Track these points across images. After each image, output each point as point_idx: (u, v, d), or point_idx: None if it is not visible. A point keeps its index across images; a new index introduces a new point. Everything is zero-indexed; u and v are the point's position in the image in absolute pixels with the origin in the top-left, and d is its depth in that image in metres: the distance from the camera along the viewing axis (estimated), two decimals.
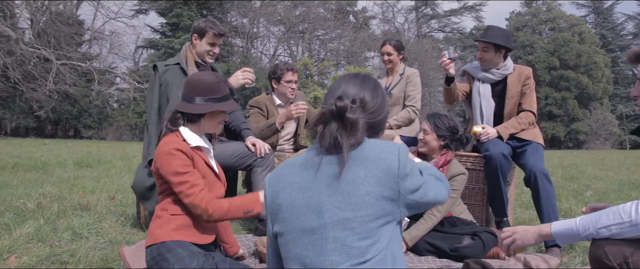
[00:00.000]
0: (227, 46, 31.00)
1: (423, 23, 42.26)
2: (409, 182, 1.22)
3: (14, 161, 6.84)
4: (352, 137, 1.22)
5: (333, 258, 1.18)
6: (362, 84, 1.35)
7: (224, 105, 2.02)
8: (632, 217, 1.38)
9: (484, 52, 3.23)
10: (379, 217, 1.19)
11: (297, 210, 1.25)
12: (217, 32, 2.98)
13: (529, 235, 1.59)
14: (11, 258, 2.43)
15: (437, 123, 2.78)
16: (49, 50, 20.64)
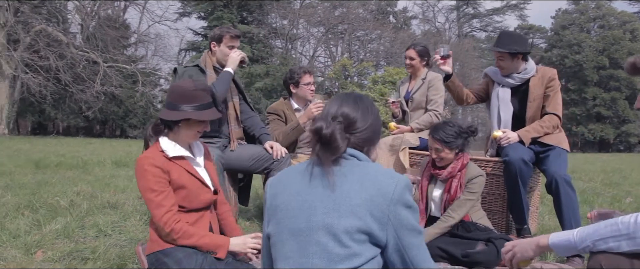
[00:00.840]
0: (267, 48, 31.44)
1: (464, 22, 41.39)
2: (404, 215, 1.23)
3: (58, 160, 7.21)
4: (332, 153, 1.28)
5: (314, 260, 1.21)
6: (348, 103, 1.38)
7: (199, 114, 1.98)
8: (630, 229, 1.33)
9: (500, 61, 3.16)
10: (362, 232, 1.20)
11: (290, 212, 1.29)
12: (233, 34, 3.12)
13: (527, 247, 1.55)
14: (38, 253, 2.58)
15: (444, 137, 2.68)
16: (96, 53, 21.55)
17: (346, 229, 1.19)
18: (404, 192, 1.24)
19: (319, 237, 1.21)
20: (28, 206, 3.55)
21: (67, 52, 21.04)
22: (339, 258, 1.19)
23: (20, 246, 2.64)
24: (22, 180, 5.04)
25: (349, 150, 1.32)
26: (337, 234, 1.20)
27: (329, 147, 1.27)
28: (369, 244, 1.22)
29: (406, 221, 1.23)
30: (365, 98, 1.44)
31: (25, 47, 20.61)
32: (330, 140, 1.27)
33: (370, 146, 1.41)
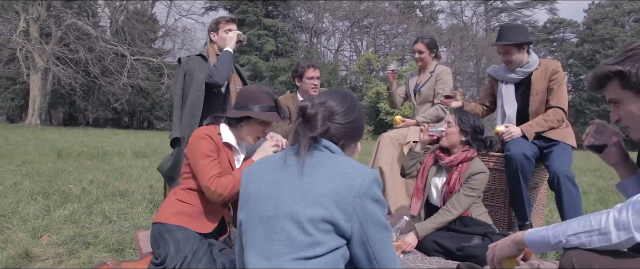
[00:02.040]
0: (291, 41, 31.54)
1: (492, 16, 40.54)
2: (370, 208, 1.24)
3: (80, 150, 7.44)
4: (310, 130, 1.32)
5: (278, 247, 1.23)
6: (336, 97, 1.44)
7: (261, 114, 2.13)
8: (602, 225, 1.31)
9: (507, 55, 3.10)
10: (327, 222, 1.22)
11: (260, 200, 1.32)
12: (228, 18, 3.14)
13: (505, 245, 1.54)
14: (44, 236, 2.68)
15: (462, 118, 2.74)
16: (124, 46, 22.05)
17: (310, 217, 1.21)
18: (371, 186, 1.25)
19: (284, 224, 1.23)
20: (42, 192, 3.69)
21: (96, 45, 21.60)
22: (302, 245, 1.21)
23: (28, 229, 2.75)
24: (43, 168, 5.23)
25: (323, 141, 1.35)
26: (301, 222, 1.22)
27: (308, 124, 1.33)
28: (333, 234, 1.23)
29: (371, 215, 1.24)
30: (354, 98, 1.49)
31: (56, 40, 21.25)
32: (311, 118, 1.33)
33: (348, 142, 1.43)
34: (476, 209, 2.73)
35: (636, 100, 1.37)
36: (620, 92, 1.38)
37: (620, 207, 1.29)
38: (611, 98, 1.42)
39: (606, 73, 1.40)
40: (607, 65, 1.40)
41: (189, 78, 3.08)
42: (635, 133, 1.44)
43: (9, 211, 3.10)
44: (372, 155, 3.84)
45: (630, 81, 1.35)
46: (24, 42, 19.34)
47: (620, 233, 1.26)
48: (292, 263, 1.20)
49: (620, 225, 1.26)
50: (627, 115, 1.42)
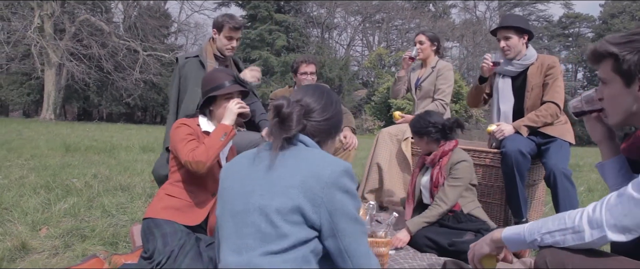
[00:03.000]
0: (303, 36, 31.52)
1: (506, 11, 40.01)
2: (338, 198, 1.24)
3: (89, 144, 7.55)
4: (285, 130, 1.31)
5: (248, 241, 1.24)
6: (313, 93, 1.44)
7: (222, 90, 2.23)
8: (576, 223, 1.30)
9: (506, 40, 3.08)
10: (294, 212, 1.22)
11: (232, 195, 1.34)
12: (233, 25, 3.07)
13: (483, 243, 1.54)
14: (43, 229, 2.74)
15: (413, 129, 2.82)
16: (136, 42, 22.26)
17: (278, 209, 1.22)
18: (340, 176, 1.24)
19: (254, 218, 1.24)
20: (45, 186, 3.76)
21: (109, 41, 21.85)
22: (271, 238, 1.22)
23: (28, 222, 2.81)
24: (50, 162, 5.32)
25: (300, 136, 1.35)
26: (268, 214, 1.22)
27: (283, 124, 1.31)
28: (303, 226, 1.23)
29: (340, 206, 1.24)
30: (332, 94, 1.48)
31: (70, 36, 21.53)
32: (286, 118, 1.31)
33: (325, 139, 1.44)
34: (468, 204, 2.72)
35: (621, 87, 1.34)
36: (610, 73, 1.36)
37: (594, 205, 1.28)
38: (601, 76, 1.39)
39: (603, 51, 1.38)
40: (607, 43, 1.37)
41: (183, 85, 3.09)
42: (611, 118, 1.42)
43: (11, 204, 3.16)
44: (371, 151, 3.84)
45: (621, 67, 1.32)
46: (38, 38, 19.63)
47: (593, 232, 1.25)
48: (262, 258, 1.21)
49: (594, 224, 1.25)
50: (609, 98, 1.40)
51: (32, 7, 20.70)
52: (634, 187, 1.21)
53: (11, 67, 22.88)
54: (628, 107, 1.35)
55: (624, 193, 1.22)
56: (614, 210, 1.22)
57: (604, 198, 1.27)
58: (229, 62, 3.26)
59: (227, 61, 3.22)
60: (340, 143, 3.50)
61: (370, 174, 3.73)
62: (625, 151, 1.37)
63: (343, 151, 3.50)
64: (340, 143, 3.49)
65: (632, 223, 1.20)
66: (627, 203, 1.20)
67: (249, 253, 1.23)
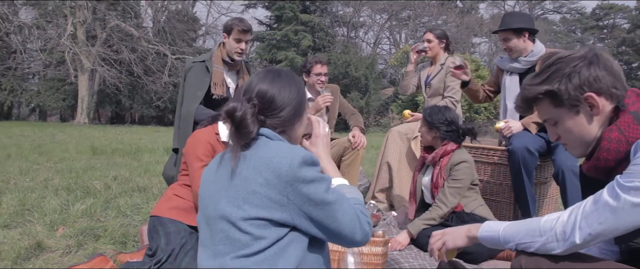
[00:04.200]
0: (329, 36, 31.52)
1: (536, 4, 39.00)
2: (304, 191, 1.20)
3: (115, 147, 7.79)
4: (242, 137, 1.27)
5: (220, 247, 1.25)
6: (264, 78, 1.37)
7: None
8: (549, 233, 1.26)
9: (506, 41, 3.07)
10: (261, 218, 1.21)
11: (205, 201, 1.35)
12: (242, 28, 3.10)
13: (457, 236, 1.51)
14: (59, 229, 2.87)
15: (427, 117, 2.78)
16: (165, 46, 22.78)
17: (243, 217, 1.21)
18: (299, 169, 1.20)
19: (222, 225, 1.25)
20: (66, 188, 3.92)
21: (138, 45, 22.44)
22: (241, 243, 1.22)
23: (46, 223, 2.95)
24: (75, 165, 5.53)
25: (261, 129, 1.31)
26: (234, 222, 1.22)
27: (239, 131, 1.26)
28: (273, 227, 1.22)
29: (307, 197, 1.20)
30: (286, 73, 1.41)
31: (101, 42, 22.22)
32: (240, 124, 1.26)
33: (291, 125, 1.38)
34: (471, 203, 2.70)
35: (572, 115, 1.32)
36: (553, 111, 1.33)
37: (570, 212, 1.25)
38: (546, 118, 1.37)
39: (534, 96, 1.35)
40: (534, 86, 1.34)
41: (189, 87, 3.14)
42: (574, 150, 1.39)
43: (33, 206, 3.32)
44: (381, 150, 3.85)
45: (562, 99, 1.30)
46: (71, 45, 20.33)
47: (567, 242, 1.22)
48: (233, 261, 1.21)
49: (568, 232, 1.23)
50: (566, 133, 1.36)
51: (65, 15, 21.46)
52: (609, 193, 1.18)
53: (47, 73, 23.77)
54: (587, 133, 1.32)
55: (600, 199, 1.19)
56: (589, 218, 1.19)
57: (580, 204, 1.24)
58: (241, 66, 3.31)
59: (237, 66, 3.26)
60: (348, 143, 3.52)
61: (381, 173, 3.73)
62: (589, 170, 1.34)
63: (352, 150, 3.52)
64: (349, 142, 3.51)
65: (606, 231, 1.18)
66: (603, 210, 1.18)
67: (221, 258, 1.24)
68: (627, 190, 1.14)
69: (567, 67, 1.28)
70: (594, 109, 1.28)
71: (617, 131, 1.22)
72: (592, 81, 1.26)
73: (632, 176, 1.14)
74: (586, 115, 1.30)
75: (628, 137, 1.20)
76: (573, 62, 1.28)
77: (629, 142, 1.20)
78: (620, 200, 1.14)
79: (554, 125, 1.37)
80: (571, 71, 1.27)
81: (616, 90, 1.26)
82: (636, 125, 1.20)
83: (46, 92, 25.27)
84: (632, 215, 1.14)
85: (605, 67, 1.26)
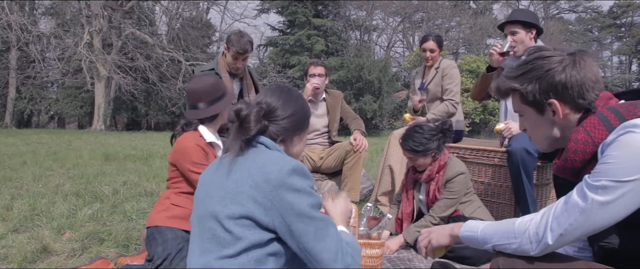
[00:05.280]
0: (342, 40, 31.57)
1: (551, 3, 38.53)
2: (288, 199, 1.24)
3: (128, 153, 7.92)
4: (244, 133, 1.35)
5: (207, 245, 1.31)
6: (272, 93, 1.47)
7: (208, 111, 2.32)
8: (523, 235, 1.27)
9: (513, 35, 3.07)
10: (245, 218, 1.26)
11: (199, 200, 1.42)
12: (237, 50, 3.22)
13: (442, 235, 1.53)
14: (66, 233, 2.95)
15: (413, 147, 2.63)
16: (179, 53, 23.07)
17: (229, 215, 1.26)
18: (288, 176, 1.25)
19: (210, 224, 1.31)
20: (76, 193, 4.01)
21: (153, 52, 22.78)
22: (226, 242, 1.27)
23: (53, 227, 3.03)
24: (87, 170, 5.65)
25: (261, 138, 1.38)
26: (221, 220, 1.28)
27: (241, 127, 1.35)
28: (256, 229, 1.26)
29: (290, 206, 1.24)
30: (293, 91, 1.51)
31: (117, 50, 22.61)
32: (244, 121, 1.35)
33: (290, 137, 1.46)
34: (468, 207, 2.70)
35: (536, 115, 1.35)
36: (521, 106, 1.37)
37: (542, 213, 1.27)
38: (515, 109, 1.40)
39: (505, 89, 1.38)
40: (507, 79, 1.37)
41: None
42: (538, 144, 1.43)
43: (42, 211, 3.41)
44: (384, 153, 3.86)
45: (527, 99, 1.33)
46: (88, 53, 20.72)
47: (540, 244, 1.24)
48: (217, 261, 1.26)
49: (540, 234, 1.24)
50: (530, 128, 1.41)
51: (82, 25, 21.89)
52: (578, 194, 1.20)
53: (65, 81, 24.24)
54: (549, 133, 1.35)
55: (569, 200, 1.21)
56: (560, 218, 1.21)
57: (552, 205, 1.26)
58: (244, 74, 3.39)
59: (240, 74, 3.35)
60: (350, 146, 3.55)
61: (383, 176, 3.75)
62: (557, 171, 1.36)
63: (353, 153, 3.55)
64: (351, 145, 3.54)
65: (577, 231, 1.19)
66: (572, 210, 1.19)
67: (206, 257, 1.29)
68: (595, 190, 1.15)
69: (541, 70, 1.29)
70: (555, 115, 1.30)
71: (583, 132, 1.24)
72: (559, 89, 1.27)
73: (599, 176, 1.16)
74: (549, 118, 1.32)
75: (594, 138, 1.22)
76: (550, 64, 1.29)
77: (595, 144, 1.21)
78: (588, 200, 1.16)
79: (522, 116, 1.40)
80: (543, 74, 1.28)
81: (583, 100, 1.27)
82: (602, 126, 1.21)
83: (64, 99, 25.77)
84: (601, 214, 1.15)
85: (579, 73, 1.26)
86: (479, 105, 23.48)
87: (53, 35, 21.73)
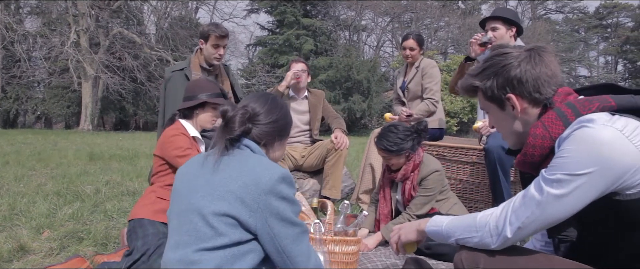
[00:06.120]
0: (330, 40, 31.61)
1: (538, 4, 38.91)
2: (275, 205, 1.31)
3: (113, 153, 7.88)
4: (228, 132, 1.41)
5: (184, 238, 1.34)
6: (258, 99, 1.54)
7: (212, 99, 2.39)
8: (484, 228, 1.31)
9: (494, 31, 3.11)
10: (230, 216, 1.30)
11: (180, 195, 1.44)
12: (219, 34, 3.19)
13: (410, 230, 1.56)
14: (45, 232, 2.93)
15: (388, 146, 2.63)
16: (167, 52, 22.94)
17: (214, 211, 1.31)
18: (277, 183, 1.32)
19: (192, 217, 1.34)
20: (57, 193, 3.99)
21: (141, 52, 22.62)
22: (206, 237, 1.31)
23: (32, 226, 3.01)
24: (70, 170, 5.61)
25: (245, 140, 1.43)
26: (205, 215, 1.31)
27: (226, 127, 1.42)
28: (238, 228, 1.31)
29: (276, 211, 1.31)
30: (277, 99, 1.57)
31: (104, 49, 22.42)
32: (229, 121, 1.42)
33: (271, 142, 1.51)
34: (444, 204, 2.73)
35: (498, 111, 1.39)
36: (485, 102, 1.41)
37: (502, 207, 1.30)
38: (481, 106, 1.43)
39: (468, 87, 1.41)
40: (469, 77, 1.41)
41: (168, 98, 3.19)
42: (507, 140, 1.46)
43: (21, 210, 3.39)
44: (365, 152, 3.89)
45: (487, 95, 1.37)
46: (74, 52, 20.52)
47: (499, 237, 1.27)
48: (194, 254, 1.30)
49: (500, 227, 1.28)
50: (496, 124, 1.45)
51: (69, 23, 21.69)
52: (535, 187, 1.23)
53: (52, 81, 24.00)
54: (512, 129, 1.38)
55: (527, 193, 1.24)
56: (518, 212, 1.24)
57: (512, 199, 1.29)
58: (219, 70, 3.38)
59: (216, 70, 3.34)
60: (331, 144, 3.58)
61: (364, 175, 3.78)
62: (518, 165, 1.39)
63: (335, 151, 3.57)
64: (332, 143, 3.57)
65: (534, 224, 1.22)
66: (529, 203, 1.22)
67: (184, 250, 1.32)
68: (550, 183, 1.19)
69: (498, 65, 1.33)
70: (514, 110, 1.33)
71: (541, 127, 1.27)
72: (515, 83, 1.31)
73: (554, 170, 1.19)
74: (510, 113, 1.35)
75: (551, 133, 1.25)
76: (507, 60, 1.32)
77: (552, 138, 1.24)
78: (544, 193, 1.19)
79: (488, 113, 1.44)
80: (499, 70, 1.32)
81: (539, 94, 1.30)
82: (559, 121, 1.24)
83: (51, 99, 25.50)
84: (556, 206, 1.18)
85: (534, 68, 1.29)
86: (467, 104, 23.67)
87: (39, 34, 21.49)
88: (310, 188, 3.75)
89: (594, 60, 40.88)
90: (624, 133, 1.12)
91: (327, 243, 2.18)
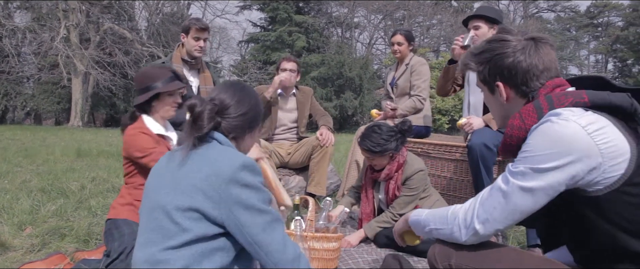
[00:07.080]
0: (323, 37, 31.59)
1: (530, 2, 39.11)
2: (237, 193, 1.27)
3: (101, 149, 7.83)
4: (197, 130, 1.37)
5: (151, 235, 1.32)
6: (227, 90, 1.49)
7: (165, 87, 2.25)
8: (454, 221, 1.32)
9: (476, 30, 3.13)
10: (193, 210, 1.27)
11: (147, 192, 1.43)
12: (199, 26, 3.23)
13: (402, 221, 1.63)
14: (27, 229, 2.91)
15: (371, 147, 2.62)
16: (159, 48, 22.81)
17: (177, 207, 1.28)
18: (238, 171, 1.28)
19: (157, 214, 1.32)
20: (41, 189, 3.96)
21: (132, 48, 22.47)
22: (171, 233, 1.28)
23: (14, 223, 2.99)
24: (57, 167, 5.57)
25: (214, 133, 1.40)
26: (169, 211, 1.29)
27: (195, 124, 1.36)
28: (203, 221, 1.28)
29: (239, 199, 1.27)
30: (248, 89, 1.53)
31: (95, 45, 22.25)
32: (197, 118, 1.36)
33: (241, 134, 1.48)
34: (427, 201, 2.75)
35: (489, 93, 1.43)
36: (479, 82, 1.44)
37: (472, 201, 1.32)
38: (477, 84, 1.46)
39: (465, 65, 1.44)
40: (467, 58, 1.43)
41: None
42: (495, 120, 1.49)
43: (4, 206, 3.36)
44: (351, 149, 3.90)
45: (480, 77, 1.39)
46: (64, 48, 20.34)
47: (468, 230, 1.29)
48: (161, 253, 1.27)
49: (468, 220, 1.29)
50: (488, 103, 1.48)
51: (59, 18, 21.49)
52: (502, 179, 1.25)
53: (41, 76, 23.77)
54: (500, 112, 1.41)
55: (494, 185, 1.26)
56: (486, 204, 1.26)
57: (481, 192, 1.31)
58: (201, 65, 3.39)
59: (198, 64, 3.35)
60: (317, 141, 3.58)
61: (350, 172, 3.79)
62: (500, 152, 1.41)
63: (320, 148, 3.58)
64: (317, 140, 3.57)
65: (502, 216, 1.23)
66: (496, 195, 1.24)
67: (150, 248, 1.30)
68: (514, 175, 1.20)
69: (493, 52, 1.35)
70: (501, 97, 1.35)
71: (519, 118, 1.29)
72: (505, 73, 1.33)
73: (518, 163, 1.21)
74: (498, 98, 1.38)
75: (526, 125, 1.26)
76: (503, 48, 1.33)
77: (526, 129, 1.26)
78: (510, 184, 1.21)
79: (482, 92, 1.46)
80: (494, 57, 1.34)
81: (526, 87, 1.32)
82: (534, 114, 1.25)
83: (41, 95, 25.26)
84: (522, 198, 1.19)
85: (526, 61, 1.30)
86: (459, 102, 23.76)
87: (28, 29, 21.27)
88: (296, 185, 3.75)
89: (585, 59, 41.20)
90: (586, 130, 1.13)
91: (308, 239, 2.19)
